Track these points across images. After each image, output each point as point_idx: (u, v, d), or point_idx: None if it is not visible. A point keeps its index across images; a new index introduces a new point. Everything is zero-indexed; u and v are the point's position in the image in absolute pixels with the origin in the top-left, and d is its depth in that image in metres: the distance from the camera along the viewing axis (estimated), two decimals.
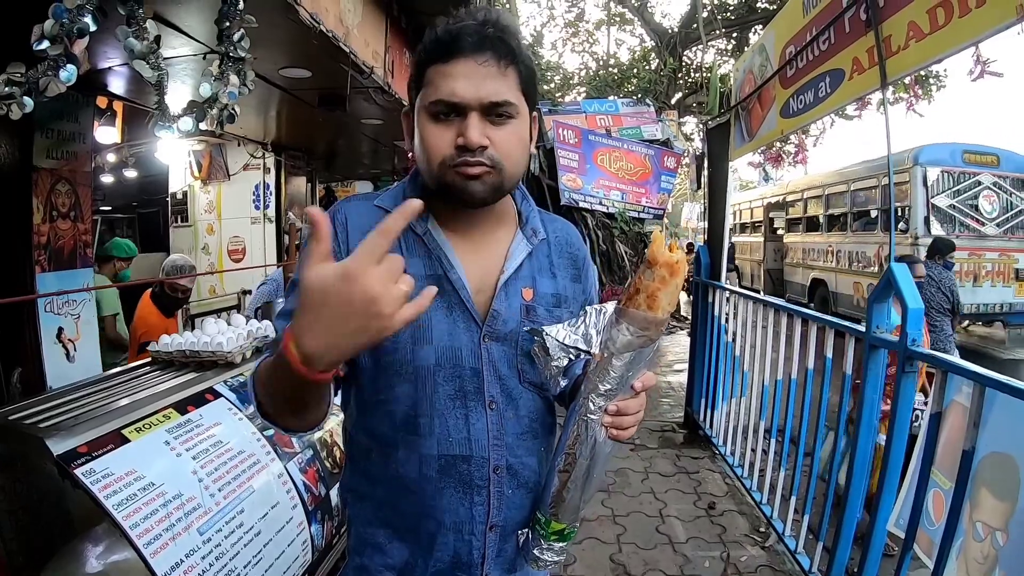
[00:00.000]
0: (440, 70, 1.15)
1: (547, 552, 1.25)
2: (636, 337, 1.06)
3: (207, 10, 3.02)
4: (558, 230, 1.43)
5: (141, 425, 2.01)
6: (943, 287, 6.25)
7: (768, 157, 5.54)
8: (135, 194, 10.74)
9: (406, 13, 5.39)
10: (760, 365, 4.24)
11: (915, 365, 2.59)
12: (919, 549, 2.47)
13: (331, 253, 0.84)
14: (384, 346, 1.19)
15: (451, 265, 1.23)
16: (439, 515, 1.26)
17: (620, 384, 1.12)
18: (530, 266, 1.32)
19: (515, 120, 1.19)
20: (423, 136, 1.18)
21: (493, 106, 1.15)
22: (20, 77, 1.94)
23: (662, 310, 1.05)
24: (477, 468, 1.25)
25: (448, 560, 1.29)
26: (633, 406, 1.14)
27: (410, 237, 1.24)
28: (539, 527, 1.24)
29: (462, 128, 1.13)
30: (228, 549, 1.96)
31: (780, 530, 3.67)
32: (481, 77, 1.14)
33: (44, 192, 4.26)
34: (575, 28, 19.46)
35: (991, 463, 2.18)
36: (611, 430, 1.13)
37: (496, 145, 1.16)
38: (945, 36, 2.58)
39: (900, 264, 2.68)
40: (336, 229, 1.23)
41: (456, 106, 1.14)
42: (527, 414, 1.30)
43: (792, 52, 4.01)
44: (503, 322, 1.25)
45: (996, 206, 10.22)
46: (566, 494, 1.19)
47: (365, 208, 1.28)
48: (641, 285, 1.05)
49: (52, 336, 4.32)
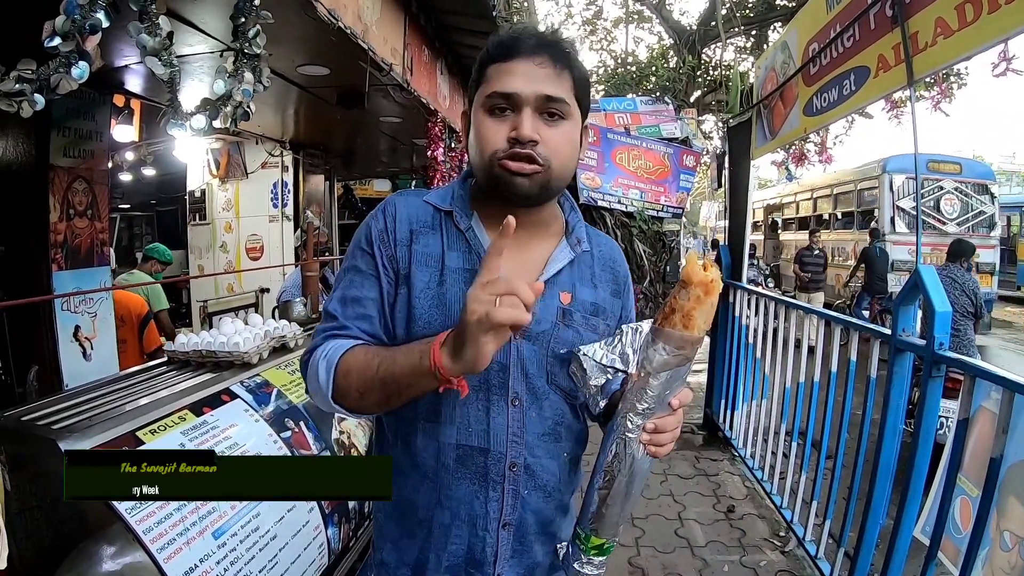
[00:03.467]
0: (499, 67, 1.22)
1: (587, 566, 1.26)
2: (672, 356, 1.08)
3: (223, 6, 3.00)
4: (603, 245, 1.46)
5: (156, 427, 1.99)
6: (966, 290, 6.14)
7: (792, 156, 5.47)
8: (153, 192, 10.84)
9: (425, 10, 5.35)
10: (781, 367, 4.20)
11: (941, 369, 2.54)
12: (945, 558, 2.43)
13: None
14: (417, 331, 1.23)
15: None
16: (454, 506, 1.28)
17: (657, 402, 1.14)
18: (571, 274, 1.34)
19: (567, 121, 1.24)
20: (478, 129, 1.24)
21: (548, 101, 1.20)
22: (31, 74, 1.92)
23: (698, 329, 1.06)
24: (494, 463, 1.27)
25: (462, 555, 1.30)
26: (671, 423, 1.16)
27: (453, 232, 1.30)
28: (579, 542, 1.26)
29: (516, 122, 1.19)
30: (243, 554, 1.94)
31: (800, 535, 3.62)
32: (538, 75, 1.20)
33: (61, 190, 4.27)
34: (593, 26, 19.39)
35: (1020, 471, 2.13)
36: (649, 447, 1.15)
37: (547, 143, 1.21)
38: (974, 33, 2.52)
39: (928, 267, 2.63)
40: (386, 218, 1.30)
41: (511, 98, 1.20)
42: (551, 415, 1.31)
43: (815, 49, 3.95)
44: (536, 322, 1.26)
45: (957, 208, 11.96)
46: (605, 510, 1.21)
47: (415, 202, 1.34)
48: (676, 305, 1.06)
49: (69, 334, 4.33)
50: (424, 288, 1.25)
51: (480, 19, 5.38)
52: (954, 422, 2.41)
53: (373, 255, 1.28)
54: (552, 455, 1.32)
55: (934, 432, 2.61)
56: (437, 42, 5.99)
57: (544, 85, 1.20)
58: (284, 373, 2.73)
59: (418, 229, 1.29)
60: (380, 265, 1.27)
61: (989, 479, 2.15)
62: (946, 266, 6.37)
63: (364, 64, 4.20)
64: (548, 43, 1.23)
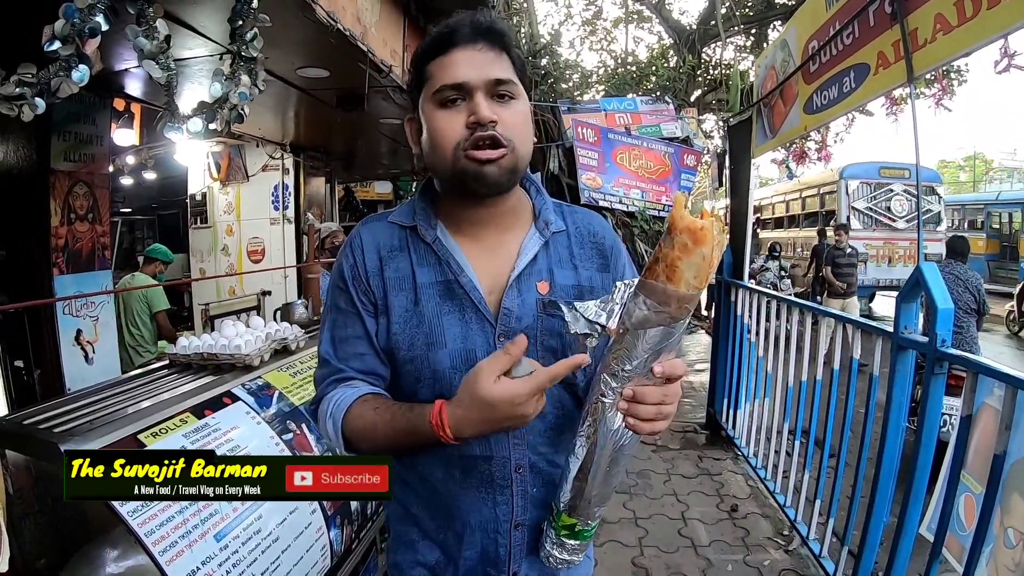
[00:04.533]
0: (440, 62, 1.21)
1: (556, 548, 1.24)
2: (654, 313, 0.97)
3: (222, 9, 3.00)
4: (579, 220, 1.41)
5: (158, 430, 1.99)
6: (970, 286, 6.11)
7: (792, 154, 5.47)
8: (154, 196, 10.85)
9: (424, 12, 5.36)
10: (784, 366, 4.19)
11: (944, 367, 2.54)
12: (950, 555, 2.42)
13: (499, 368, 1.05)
14: (400, 354, 1.24)
15: (460, 269, 1.26)
16: (465, 515, 1.29)
17: (639, 367, 1.03)
18: (546, 259, 1.32)
19: (517, 100, 1.24)
20: (432, 126, 1.22)
21: (497, 83, 1.20)
22: (31, 78, 1.93)
23: (684, 283, 0.94)
24: (498, 468, 1.27)
25: (477, 558, 1.32)
26: (653, 394, 1.06)
27: (420, 247, 1.30)
28: (552, 518, 1.23)
29: (471, 108, 1.18)
30: (245, 556, 1.94)
31: (804, 534, 3.62)
32: (481, 61, 1.20)
33: (62, 195, 4.27)
34: (592, 26, 19.33)
35: (1023, 468, 2.12)
36: (628, 419, 1.07)
37: (504, 123, 1.19)
38: (973, 29, 2.52)
39: (929, 264, 2.62)
40: (354, 252, 1.31)
41: (462, 87, 1.18)
42: (552, 409, 1.29)
43: (815, 47, 3.95)
44: (517, 319, 1.25)
45: (905, 207, 14.18)
46: (578, 484, 1.16)
47: (379, 227, 1.34)
48: (660, 254, 0.95)
49: (71, 338, 4.33)
50: (402, 312, 1.26)
51: None
52: (957, 420, 2.40)
53: (350, 292, 1.29)
54: (556, 448, 1.31)
55: (937, 429, 2.61)
56: None
57: (490, 69, 1.20)
58: (286, 375, 2.73)
59: (386, 255, 1.30)
60: (358, 301, 1.29)
61: (992, 476, 2.14)
62: (948, 262, 6.33)
63: (364, 66, 4.21)
64: (483, 28, 1.22)
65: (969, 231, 19.24)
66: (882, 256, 13.98)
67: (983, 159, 49.06)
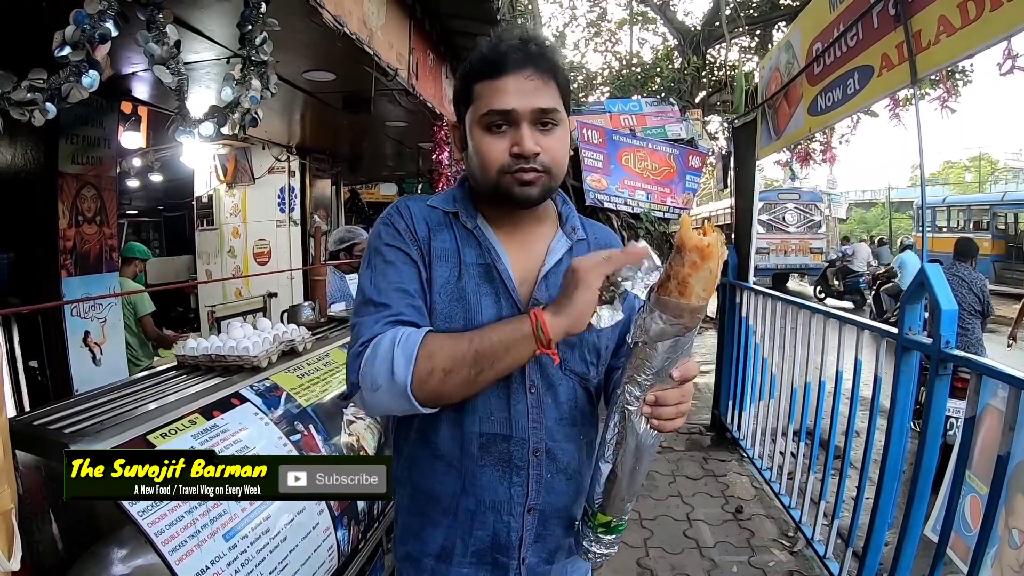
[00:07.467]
0: (490, 85, 1.26)
1: (595, 544, 1.30)
2: (670, 325, 1.06)
3: (229, 14, 3.02)
4: (598, 233, 1.53)
5: (167, 431, 2.00)
6: (974, 288, 6.08)
7: (797, 155, 5.47)
8: (161, 198, 10.86)
9: (429, 15, 5.38)
10: (789, 367, 4.19)
11: (948, 368, 2.54)
12: (956, 556, 2.43)
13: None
14: (436, 324, 1.29)
15: (499, 256, 1.34)
16: (479, 493, 1.33)
17: (658, 374, 1.12)
18: (570, 261, 1.33)
19: (559, 127, 1.30)
20: (479, 147, 1.29)
21: (542, 113, 1.26)
22: (42, 83, 1.94)
23: (695, 296, 1.04)
24: (517, 448, 1.32)
25: (488, 540, 1.35)
26: (673, 396, 1.14)
27: (462, 230, 1.37)
28: (587, 518, 1.29)
29: (516, 138, 1.25)
30: (254, 556, 1.95)
31: (809, 535, 3.63)
32: (529, 90, 1.25)
33: (69, 197, 4.29)
34: (597, 28, 19.31)
35: None
36: (652, 421, 1.15)
37: (546, 151, 1.27)
38: (977, 30, 2.52)
39: (934, 265, 2.63)
40: (403, 214, 1.36)
41: (508, 115, 1.24)
42: (566, 400, 1.37)
43: (819, 49, 3.95)
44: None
45: (796, 218, 19.92)
46: (611, 485, 1.22)
47: (422, 205, 1.41)
48: (672, 271, 1.04)
49: (78, 340, 4.35)
50: (444, 283, 1.30)
51: (484, 23, 5.39)
52: (962, 422, 2.41)
53: (403, 248, 1.32)
54: (570, 438, 1.38)
55: (941, 431, 2.61)
56: (442, 46, 6.02)
57: (536, 99, 1.25)
58: (293, 377, 2.74)
59: (434, 227, 1.35)
60: (413, 257, 1.31)
61: (996, 477, 2.15)
62: (953, 264, 6.31)
63: (370, 69, 4.22)
64: (533, 55, 1.26)
65: (975, 232, 19.16)
66: (779, 250, 19.78)
67: (988, 160, 48.89)
